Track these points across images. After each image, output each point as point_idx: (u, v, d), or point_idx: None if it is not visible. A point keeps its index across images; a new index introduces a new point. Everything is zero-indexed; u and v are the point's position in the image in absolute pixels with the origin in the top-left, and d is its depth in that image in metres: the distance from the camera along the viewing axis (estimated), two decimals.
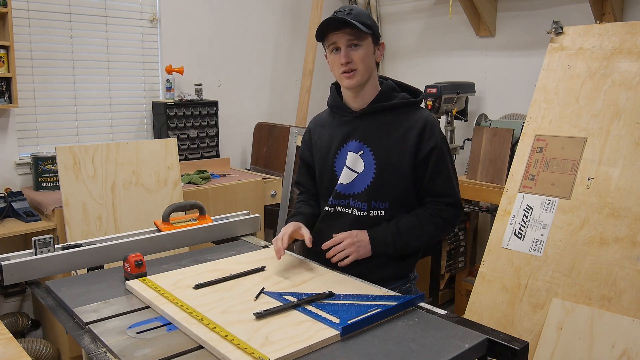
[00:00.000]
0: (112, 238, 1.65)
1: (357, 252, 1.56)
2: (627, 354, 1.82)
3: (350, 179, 1.62)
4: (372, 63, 1.60)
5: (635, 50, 2.18)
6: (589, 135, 2.18)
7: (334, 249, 1.56)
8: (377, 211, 1.60)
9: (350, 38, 1.54)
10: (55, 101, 3.25)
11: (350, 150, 1.63)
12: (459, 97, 3.63)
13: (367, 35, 1.55)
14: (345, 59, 1.55)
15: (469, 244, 3.61)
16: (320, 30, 1.56)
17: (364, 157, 1.61)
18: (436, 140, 1.59)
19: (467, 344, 1.10)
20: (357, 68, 1.56)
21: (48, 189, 3.00)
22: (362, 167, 1.61)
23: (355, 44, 1.55)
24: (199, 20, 3.81)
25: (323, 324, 1.14)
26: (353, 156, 1.62)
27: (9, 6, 2.79)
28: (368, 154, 1.61)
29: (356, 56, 1.55)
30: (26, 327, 2.96)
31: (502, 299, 2.17)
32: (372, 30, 1.56)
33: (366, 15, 1.58)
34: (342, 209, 1.64)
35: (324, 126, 1.73)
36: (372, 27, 1.56)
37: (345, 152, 1.64)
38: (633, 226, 1.96)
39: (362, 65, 1.56)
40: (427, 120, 1.60)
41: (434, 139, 1.58)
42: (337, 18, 1.52)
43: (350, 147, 1.63)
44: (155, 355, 1.05)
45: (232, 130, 4.04)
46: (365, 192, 1.60)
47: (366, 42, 1.56)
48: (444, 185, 1.60)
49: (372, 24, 1.57)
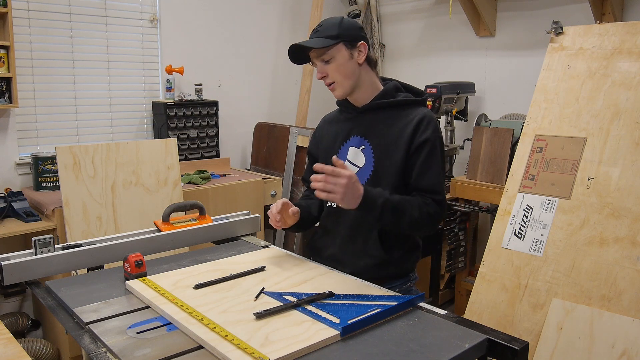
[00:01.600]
0: (112, 238, 1.65)
1: (342, 199, 1.41)
2: (627, 354, 1.82)
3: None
4: (353, 68, 1.60)
5: (635, 50, 2.18)
6: (589, 135, 2.18)
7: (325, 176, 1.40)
8: None
9: (317, 55, 1.60)
10: (55, 101, 3.25)
11: (352, 145, 1.66)
12: (459, 97, 3.63)
13: (332, 46, 1.57)
14: (320, 75, 1.62)
15: (469, 244, 3.61)
16: (292, 59, 1.66)
17: (364, 152, 1.64)
18: (430, 134, 1.58)
19: (467, 344, 1.10)
20: (335, 80, 1.61)
21: (48, 189, 3.00)
22: (362, 161, 1.63)
23: (325, 60, 1.60)
24: (199, 20, 3.81)
25: (323, 324, 1.14)
26: (354, 151, 1.65)
27: (9, 6, 2.79)
28: (368, 149, 1.63)
29: (329, 69, 1.60)
30: (26, 327, 2.96)
31: (502, 299, 2.17)
32: (340, 37, 1.57)
33: (334, 25, 1.59)
34: None
35: (331, 123, 1.78)
36: (339, 35, 1.57)
37: (347, 147, 1.67)
38: (633, 226, 1.96)
39: (338, 75, 1.60)
40: (425, 115, 1.61)
41: (428, 133, 1.58)
42: (294, 46, 1.61)
43: (353, 142, 1.66)
44: (155, 355, 1.05)
45: (232, 130, 4.04)
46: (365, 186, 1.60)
47: (336, 52, 1.58)
48: (432, 181, 1.58)
49: (339, 32, 1.57)
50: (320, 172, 1.42)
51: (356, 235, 1.63)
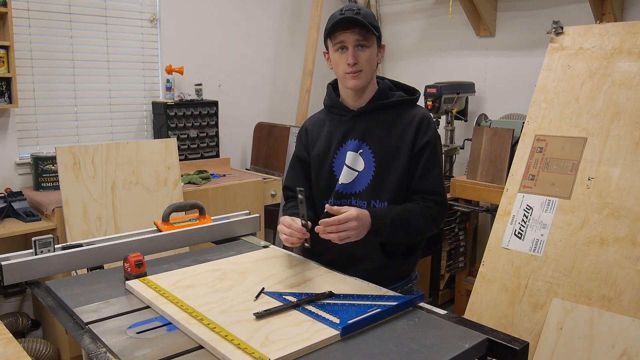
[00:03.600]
0: (112, 238, 1.65)
1: (357, 236, 1.43)
2: (627, 354, 1.82)
3: (351, 178, 1.62)
4: (375, 64, 1.61)
5: (635, 50, 2.18)
6: (589, 135, 2.18)
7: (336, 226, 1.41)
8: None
9: (358, 38, 1.54)
10: (55, 101, 3.25)
11: (349, 149, 1.63)
12: (459, 97, 3.63)
13: (374, 37, 1.56)
14: (353, 60, 1.54)
15: (469, 244, 3.61)
16: (331, 28, 1.55)
17: (363, 156, 1.61)
18: (431, 135, 1.59)
19: (467, 344, 1.10)
20: (363, 69, 1.56)
21: (48, 189, 3.00)
22: (362, 166, 1.61)
23: (362, 45, 1.55)
24: (199, 20, 3.81)
25: (323, 324, 1.14)
26: (353, 155, 1.62)
27: (9, 6, 2.79)
28: (367, 152, 1.61)
29: (363, 57, 1.55)
30: (26, 327, 2.96)
31: (502, 299, 2.17)
32: (378, 32, 1.57)
33: (373, 16, 1.58)
34: None
35: (321, 126, 1.72)
36: (378, 29, 1.57)
37: (344, 151, 1.64)
38: (633, 226, 1.96)
39: (368, 66, 1.57)
40: (424, 115, 1.61)
41: (429, 134, 1.59)
42: (350, 17, 1.51)
43: (350, 147, 1.63)
44: (155, 355, 1.05)
45: (232, 130, 4.04)
46: (365, 190, 1.59)
47: (372, 44, 1.57)
48: (434, 183, 1.59)
49: (378, 25, 1.58)
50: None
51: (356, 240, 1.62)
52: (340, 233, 1.41)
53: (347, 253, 1.62)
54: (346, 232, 1.41)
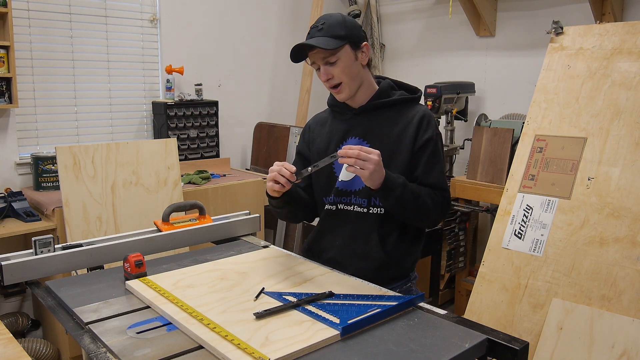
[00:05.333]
0: (112, 238, 1.65)
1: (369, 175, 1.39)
2: (627, 354, 1.82)
3: (350, 176, 1.62)
4: (358, 69, 1.59)
5: (635, 50, 2.18)
6: (589, 135, 2.18)
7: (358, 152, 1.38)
8: (376, 208, 1.60)
9: (324, 56, 1.54)
10: (55, 101, 3.25)
11: None
12: (459, 97, 3.63)
13: (340, 47, 1.53)
14: (325, 77, 1.56)
15: (469, 244, 3.61)
16: (292, 57, 1.57)
17: None
18: (432, 132, 1.60)
19: (467, 344, 1.10)
20: (341, 81, 1.57)
21: (48, 189, 3.00)
22: None
23: (330, 62, 1.55)
24: (199, 20, 3.81)
25: (323, 324, 1.14)
26: None
27: (9, 6, 2.79)
28: None
29: (335, 71, 1.55)
30: (26, 327, 2.96)
31: (502, 299, 2.17)
32: (347, 38, 1.54)
33: (339, 24, 1.54)
34: (343, 207, 1.64)
35: (323, 124, 1.74)
36: (346, 36, 1.53)
37: None
38: (633, 226, 1.96)
39: (345, 76, 1.56)
40: (425, 113, 1.62)
41: (431, 131, 1.59)
42: (300, 45, 1.53)
43: (350, 144, 1.62)
44: (155, 355, 1.05)
45: (232, 130, 4.04)
46: (365, 188, 1.59)
47: (343, 54, 1.54)
48: (437, 179, 1.60)
49: (346, 32, 1.54)
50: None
51: (356, 238, 1.62)
52: (358, 160, 1.38)
53: (347, 252, 1.63)
54: (364, 162, 1.38)
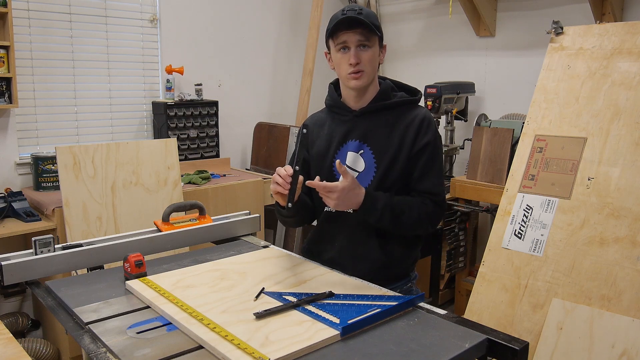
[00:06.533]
0: (112, 238, 1.65)
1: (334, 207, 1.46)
2: (627, 354, 1.82)
3: None
4: (377, 64, 1.61)
5: (635, 50, 2.18)
6: (589, 135, 2.18)
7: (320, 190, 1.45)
8: None
9: (360, 38, 1.53)
10: (55, 101, 3.25)
11: (350, 150, 1.62)
12: (459, 97, 3.63)
13: (376, 37, 1.56)
14: (355, 60, 1.54)
15: (469, 244, 3.61)
16: (333, 27, 1.54)
17: (364, 156, 1.61)
18: (431, 136, 1.59)
19: (467, 344, 1.10)
20: (365, 69, 1.56)
21: (48, 189, 3.00)
22: (362, 166, 1.61)
23: (364, 45, 1.55)
24: (199, 20, 3.81)
25: (323, 324, 1.14)
26: (353, 155, 1.62)
27: (9, 6, 2.79)
28: (368, 153, 1.60)
29: (365, 57, 1.55)
30: (26, 327, 2.96)
31: (502, 299, 2.17)
32: (380, 32, 1.57)
33: (375, 16, 1.58)
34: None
35: (322, 126, 1.71)
36: (380, 29, 1.57)
37: (344, 151, 1.63)
38: (633, 226, 1.96)
39: (370, 66, 1.56)
40: (425, 116, 1.61)
41: (430, 135, 1.59)
42: (352, 17, 1.51)
43: (350, 147, 1.63)
44: (155, 355, 1.05)
45: (232, 130, 4.04)
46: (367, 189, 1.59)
47: (374, 44, 1.57)
48: (433, 184, 1.59)
49: (379, 25, 1.58)
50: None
51: (355, 239, 1.62)
52: (323, 195, 1.46)
53: (347, 252, 1.62)
54: (326, 198, 1.46)
